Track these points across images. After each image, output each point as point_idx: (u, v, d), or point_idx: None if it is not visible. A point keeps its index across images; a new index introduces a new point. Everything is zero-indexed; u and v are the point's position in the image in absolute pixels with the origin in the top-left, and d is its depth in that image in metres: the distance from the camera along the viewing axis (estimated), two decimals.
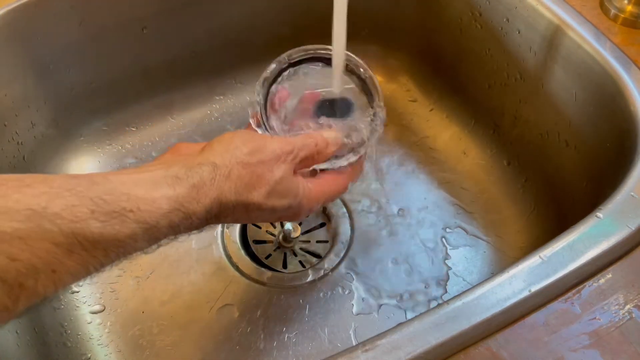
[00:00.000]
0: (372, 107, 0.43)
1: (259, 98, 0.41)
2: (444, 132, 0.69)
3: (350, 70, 0.43)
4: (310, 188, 0.39)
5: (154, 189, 0.31)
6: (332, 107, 0.43)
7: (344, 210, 0.63)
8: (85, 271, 0.28)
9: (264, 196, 0.35)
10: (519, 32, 0.57)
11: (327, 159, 0.40)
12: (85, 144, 0.66)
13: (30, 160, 0.60)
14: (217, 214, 0.34)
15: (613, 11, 0.53)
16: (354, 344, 0.54)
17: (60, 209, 0.27)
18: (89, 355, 0.53)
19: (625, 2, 0.53)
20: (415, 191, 0.65)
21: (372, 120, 0.42)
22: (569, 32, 0.52)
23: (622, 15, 0.53)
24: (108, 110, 0.66)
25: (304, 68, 0.43)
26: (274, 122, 0.42)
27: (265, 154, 0.36)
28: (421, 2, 0.67)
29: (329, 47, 0.41)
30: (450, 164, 0.67)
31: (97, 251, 0.28)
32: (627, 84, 0.48)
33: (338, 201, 0.63)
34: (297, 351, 0.53)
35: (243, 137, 0.36)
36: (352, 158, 0.41)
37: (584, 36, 0.51)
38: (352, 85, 0.44)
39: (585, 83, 0.52)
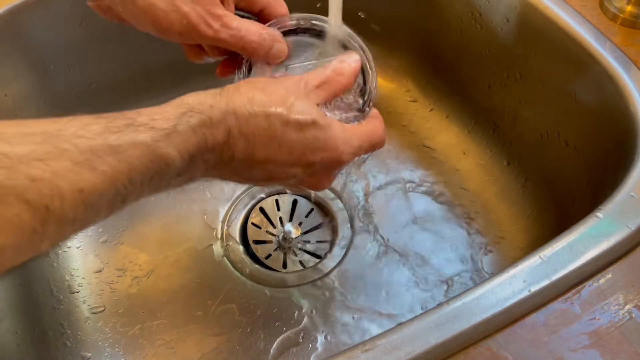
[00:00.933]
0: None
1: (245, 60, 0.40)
2: (444, 132, 0.69)
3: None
4: (339, 123, 0.36)
5: (165, 106, 0.31)
6: None
7: (344, 210, 0.63)
8: (115, 189, 0.27)
9: (285, 108, 0.33)
10: (519, 32, 0.57)
11: (353, 81, 0.37)
12: None
13: None
14: (240, 129, 0.32)
15: (613, 11, 0.53)
16: (354, 343, 0.54)
17: (75, 130, 0.27)
18: (89, 355, 0.53)
19: (625, 2, 0.53)
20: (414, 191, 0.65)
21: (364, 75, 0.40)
22: (568, 32, 0.52)
23: (622, 16, 0.53)
24: (108, 111, 0.66)
25: (293, 38, 0.41)
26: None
27: (274, 83, 0.35)
28: (421, 2, 0.67)
29: (322, 17, 0.40)
30: (450, 164, 0.67)
31: (121, 164, 0.27)
32: (627, 84, 0.48)
33: (338, 201, 0.63)
34: (297, 351, 0.53)
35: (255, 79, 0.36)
36: (362, 109, 0.39)
37: (584, 36, 0.51)
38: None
39: (585, 83, 0.52)
